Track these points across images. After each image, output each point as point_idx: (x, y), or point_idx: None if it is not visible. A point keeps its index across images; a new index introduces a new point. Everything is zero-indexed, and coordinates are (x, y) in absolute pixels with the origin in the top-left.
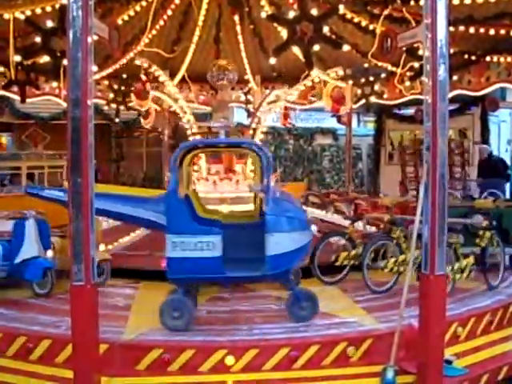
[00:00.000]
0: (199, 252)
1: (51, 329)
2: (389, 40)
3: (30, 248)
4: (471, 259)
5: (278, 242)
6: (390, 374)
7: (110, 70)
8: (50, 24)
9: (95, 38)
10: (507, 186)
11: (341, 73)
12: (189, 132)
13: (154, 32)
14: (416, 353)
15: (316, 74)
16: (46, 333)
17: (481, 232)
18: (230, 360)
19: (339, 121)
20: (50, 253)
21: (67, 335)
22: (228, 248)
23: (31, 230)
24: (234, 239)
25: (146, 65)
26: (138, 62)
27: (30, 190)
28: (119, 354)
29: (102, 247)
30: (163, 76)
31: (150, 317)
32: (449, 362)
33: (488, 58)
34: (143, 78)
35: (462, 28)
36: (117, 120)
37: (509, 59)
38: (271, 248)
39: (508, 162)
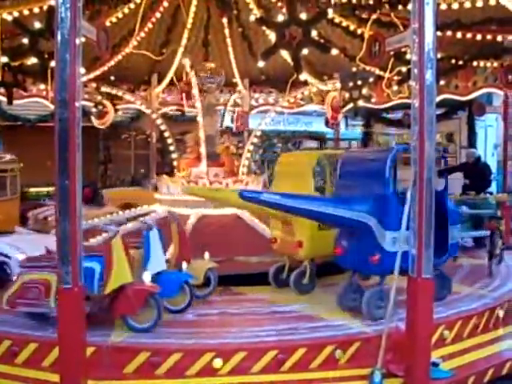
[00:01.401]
0: (407, 246)
1: (38, 332)
2: (377, 44)
3: (158, 261)
4: None
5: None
6: (377, 377)
7: (98, 73)
8: (37, 25)
9: (83, 39)
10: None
11: (338, 85)
12: None
13: (142, 34)
14: (403, 355)
15: (304, 77)
16: (32, 336)
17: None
18: (217, 363)
19: (327, 124)
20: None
21: (54, 338)
22: None
23: (156, 240)
24: None
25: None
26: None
27: (246, 193)
28: (107, 356)
29: (206, 255)
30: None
31: None
32: (435, 365)
33: (475, 63)
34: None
35: (449, 33)
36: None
37: (495, 64)
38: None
39: (494, 167)
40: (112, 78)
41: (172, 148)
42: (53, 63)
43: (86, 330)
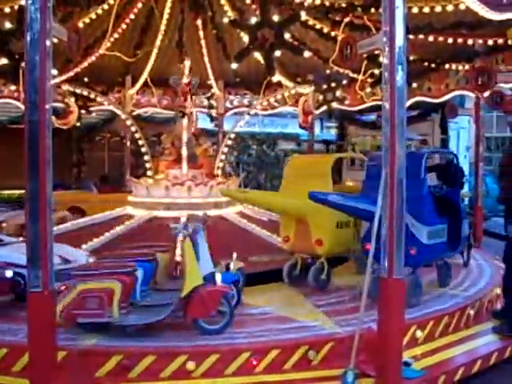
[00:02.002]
0: (440, 238)
1: (8, 336)
2: (349, 47)
3: (207, 262)
4: None
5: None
6: (350, 377)
7: (71, 74)
8: (8, 25)
9: (55, 40)
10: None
11: (308, 90)
12: None
13: (116, 36)
14: (375, 356)
15: (277, 79)
16: (2, 341)
17: None
18: (190, 365)
19: (302, 126)
20: None
21: (24, 343)
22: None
23: (203, 242)
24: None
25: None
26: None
27: (316, 194)
28: (78, 361)
29: (234, 255)
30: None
31: None
32: (407, 365)
33: (447, 66)
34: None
35: (421, 36)
36: (77, 124)
37: (467, 67)
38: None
39: (466, 168)
40: (85, 79)
41: (144, 150)
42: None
43: (56, 334)
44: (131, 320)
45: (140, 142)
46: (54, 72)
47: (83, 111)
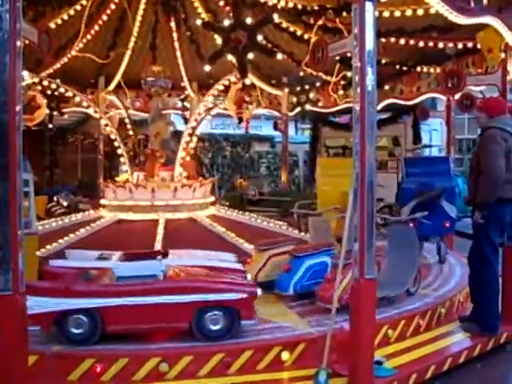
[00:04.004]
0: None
1: None
2: (321, 49)
3: None
4: None
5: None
6: (322, 377)
7: (42, 75)
8: None
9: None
10: None
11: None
12: None
13: (88, 37)
14: (348, 355)
15: (250, 81)
16: None
17: None
18: (164, 367)
19: (276, 128)
20: None
21: None
22: None
23: None
24: None
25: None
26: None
27: None
28: (50, 365)
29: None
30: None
31: None
32: (379, 363)
33: (419, 69)
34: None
35: (393, 39)
36: (50, 126)
37: (438, 70)
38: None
39: None
40: (58, 80)
41: (120, 151)
42: None
43: (27, 337)
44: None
45: (116, 144)
46: (25, 73)
47: (55, 113)
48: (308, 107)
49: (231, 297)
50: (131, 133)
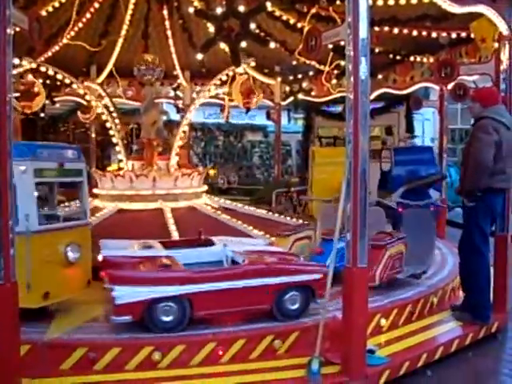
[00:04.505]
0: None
1: None
2: (314, 38)
3: None
4: None
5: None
6: (315, 365)
7: (33, 64)
8: None
9: (17, 29)
10: None
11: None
12: None
13: (80, 25)
14: (340, 344)
15: (242, 69)
16: None
17: None
18: (156, 356)
19: (268, 117)
20: None
21: None
22: None
23: None
24: None
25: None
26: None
27: None
28: (42, 354)
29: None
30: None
31: None
32: (372, 352)
33: (412, 58)
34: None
35: (386, 29)
36: (42, 114)
37: (431, 59)
38: None
39: None
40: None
41: (115, 140)
42: None
43: (19, 326)
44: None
45: (111, 132)
46: (17, 61)
47: (47, 102)
48: (301, 96)
49: (309, 278)
50: (117, 121)
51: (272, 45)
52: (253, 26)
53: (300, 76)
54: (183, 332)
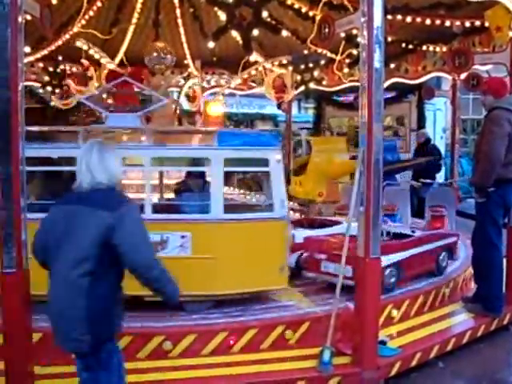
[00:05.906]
0: None
1: None
2: (327, 26)
3: None
4: None
5: None
6: (326, 356)
7: (45, 52)
8: None
9: (28, 17)
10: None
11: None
12: None
13: (91, 13)
14: (352, 334)
15: (254, 58)
16: None
17: None
18: (167, 345)
19: (279, 107)
20: None
21: None
22: None
23: None
24: None
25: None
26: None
27: None
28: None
29: None
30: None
31: None
32: (383, 343)
33: (424, 48)
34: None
35: (399, 17)
36: (52, 103)
37: (444, 49)
38: None
39: (442, 149)
40: (60, 57)
41: None
42: None
43: (31, 315)
44: None
45: None
46: (27, 49)
47: (58, 90)
48: (312, 86)
49: (451, 240)
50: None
51: (284, 33)
52: (265, 14)
53: (311, 65)
54: (194, 321)
